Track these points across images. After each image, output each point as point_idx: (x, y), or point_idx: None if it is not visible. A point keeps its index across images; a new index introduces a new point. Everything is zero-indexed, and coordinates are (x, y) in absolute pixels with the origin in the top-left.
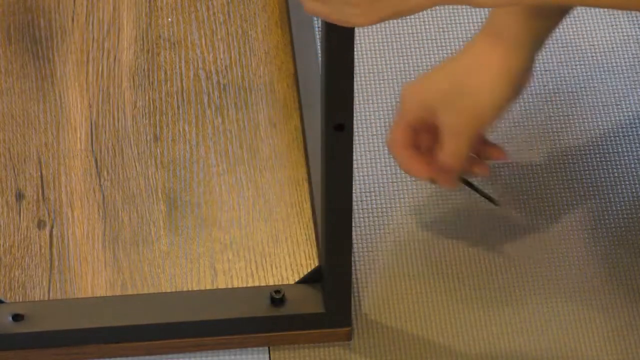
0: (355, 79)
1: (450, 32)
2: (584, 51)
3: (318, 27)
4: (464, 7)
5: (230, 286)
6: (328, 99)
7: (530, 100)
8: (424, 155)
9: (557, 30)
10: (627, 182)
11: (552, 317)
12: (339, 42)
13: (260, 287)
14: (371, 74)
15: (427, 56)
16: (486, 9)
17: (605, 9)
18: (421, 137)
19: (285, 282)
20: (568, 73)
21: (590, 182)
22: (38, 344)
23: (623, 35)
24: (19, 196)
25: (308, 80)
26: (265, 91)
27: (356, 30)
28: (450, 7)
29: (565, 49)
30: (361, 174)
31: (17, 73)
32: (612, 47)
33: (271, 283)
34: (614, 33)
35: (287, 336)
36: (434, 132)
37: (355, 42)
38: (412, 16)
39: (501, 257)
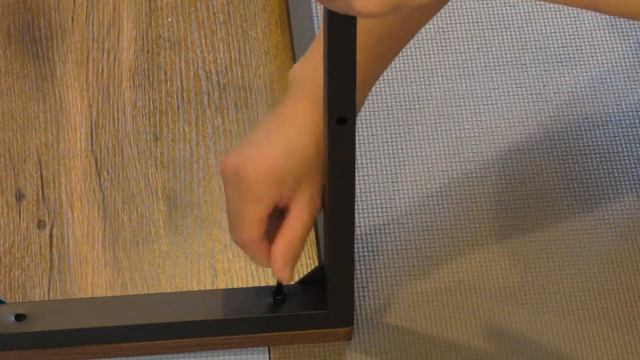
0: None
1: (450, 32)
2: (584, 51)
3: (318, 27)
4: (463, 6)
5: (230, 286)
6: (330, 92)
7: (530, 100)
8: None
9: (557, 29)
10: (627, 182)
11: (552, 317)
12: (341, 34)
13: (260, 287)
14: None
15: (427, 56)
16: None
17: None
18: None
19: (285, 282)
20: (568, 73)
21: (590, 182)
22: (39, 344)
23: (623, 35)
24: (19, 196)
25: None
26: (265, 91)
27: None
28: (450, 7)
29: (565, 48)
30: (361, 174)
31: (17, 73)
32: (612, 47)
33: (271, 283)
34: (614, 33)
35: (287, 336)
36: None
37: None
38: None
39: (501, 257)
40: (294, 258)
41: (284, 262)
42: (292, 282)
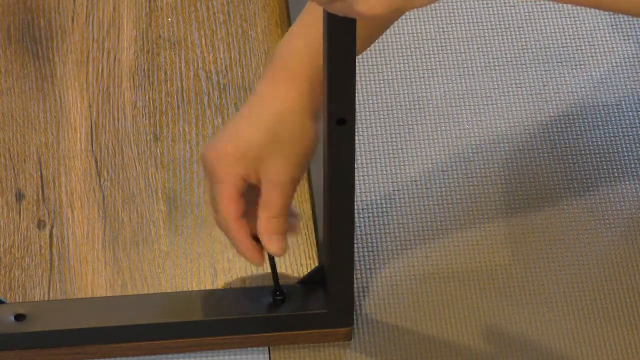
0: None
1: (450, 32)
2: (584, 51)
3: None
4: (463, 6)
5: (230, 286)
6: (330, 93)
7: (530, 100)
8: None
9: (557, 29)
10: (627, 182)
11: (552, 317)
12: (341, 35)
13: (260, 287)
14: (371, 74)
15: (427, 56)
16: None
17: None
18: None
19: (286, 282)
20: (568, 73)
21: (590, 182)
22: (39, 344)
23: (623, 35)
24: (19, 196)
25: None
26: None
27: None
28: (450, 7)
29: (565, 48)
30: (361, 174)
31: (17, 73)
32: (612, 47)
33: (271, 283)
34: (614, 33)
35: (287, 336)
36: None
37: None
38: (412, 16)
39: (501, 257)
40: (278, 230)
41: (269, 234)
42: (283, 253)
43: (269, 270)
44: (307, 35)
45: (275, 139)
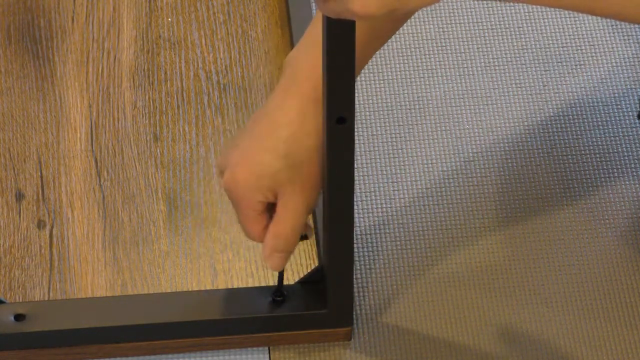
0: None
1: (450, 32)
2: (584, 51)
3: None
4: (463, 6)
5: (230, 286)
6: (329, 92)
7: (530, 100)
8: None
9: (557, 29)
10: (627, 182)
11: (552, 317)
12: (340, 33)
13: (260, 287)
14: (371, 74)
15: (427, 56)
16: (482, 4)
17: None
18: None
19: (286, 282)
20: (568, 73)
21: (590, 182)
22: (39, 344)
23: (623, 35)
24: (19, 196)
25: None
26: (265, 91)
27: None
28: (450, 7)
29: (565, 48)
30: (361, 174)
31: (17, 73)
32: (612, 47)
33: (271, 283)
34: (614, 33)
35: (287, 336)
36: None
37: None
38: (412, 16)
39: (501, 257)
40: (283, 249)
41: (270, 251)
42: (280, 270)
43: (268, 270)
44: (318, 52)
45: (290, 164)
